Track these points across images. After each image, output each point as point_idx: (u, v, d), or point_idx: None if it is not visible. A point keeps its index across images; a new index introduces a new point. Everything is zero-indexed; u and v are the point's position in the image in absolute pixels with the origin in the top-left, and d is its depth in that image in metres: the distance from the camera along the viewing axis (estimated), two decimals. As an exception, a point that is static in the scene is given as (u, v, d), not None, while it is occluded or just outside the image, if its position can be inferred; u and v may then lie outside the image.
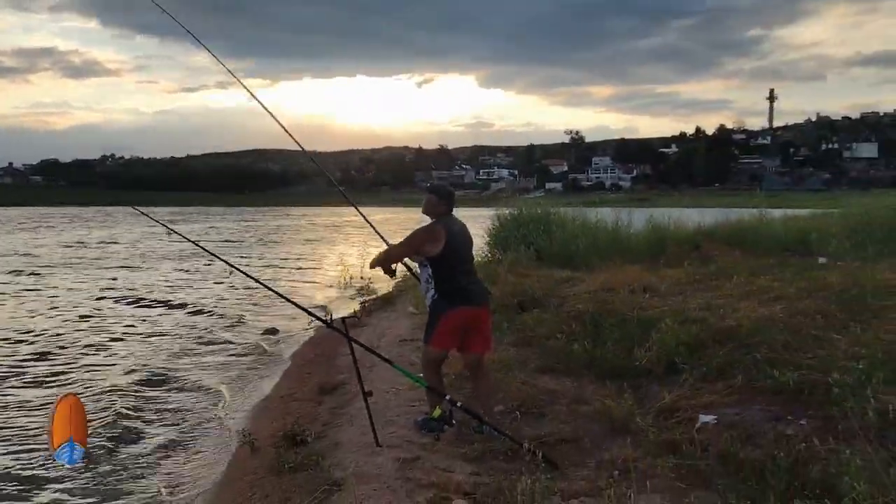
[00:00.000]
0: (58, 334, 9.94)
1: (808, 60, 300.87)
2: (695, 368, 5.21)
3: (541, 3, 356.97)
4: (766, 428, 4.15)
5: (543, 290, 8.77)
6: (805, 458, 3.55)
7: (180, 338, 9.88)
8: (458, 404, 4.54)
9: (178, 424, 6.17)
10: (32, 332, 10.10)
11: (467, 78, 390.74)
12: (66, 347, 9.17)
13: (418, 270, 4.94)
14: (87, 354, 8.84)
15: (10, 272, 17.58)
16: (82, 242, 29.10)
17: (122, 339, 9.68)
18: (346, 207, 6.56)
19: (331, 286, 15.31)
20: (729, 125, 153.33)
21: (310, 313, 4.91)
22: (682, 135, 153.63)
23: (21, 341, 9.49)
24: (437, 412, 4.63)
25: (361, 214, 6.06)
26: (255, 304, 12.62)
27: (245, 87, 6.88)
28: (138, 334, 10.08)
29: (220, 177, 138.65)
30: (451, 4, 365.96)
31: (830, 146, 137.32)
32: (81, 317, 11.35)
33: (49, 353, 8.83)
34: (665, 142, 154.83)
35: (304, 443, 4.85)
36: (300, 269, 20.05)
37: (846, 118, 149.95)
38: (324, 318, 4.71)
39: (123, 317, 11.60)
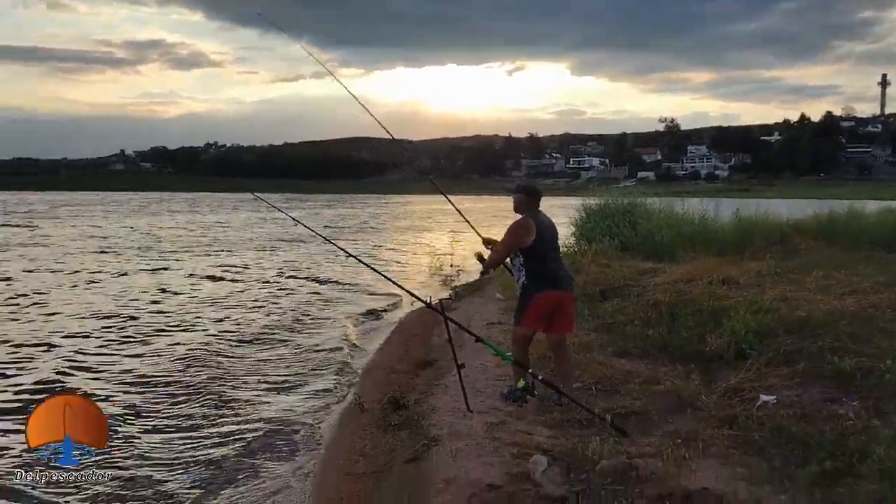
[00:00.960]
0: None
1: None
2: (762, 355, 5.62)
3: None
4: (821, 408, 4.57)
5: (625, 280, 9.22)
6: (848, 432, 3.98)
7: (298, 311, 11.32)
8: (540, 377, 5.14)
9: (297, 387, 7.11)
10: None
11: (558, 65, 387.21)
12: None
13: (509, 262, 5.55)
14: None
15: (176, 251, 20.34)
16: (207, 226, 32.73)
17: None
18: (436, 196, 7.23)
19: (424, 272, 16.18)
20: (837, 112, 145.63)
21: (413, 295, 5.65)
22: (786, 122, 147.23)
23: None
24: (521, 383, 5.26)
25: (452, 203, 6.58)
26: (357, 285, 13.87)
27: (340, 83, 6.99)
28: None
29: (316, 164, 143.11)
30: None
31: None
32: (281, 290, 13.69)
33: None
34: (767, 130, 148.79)
35: (406, 407, 5.59)
36: (396, 253, 21.28)
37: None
38: (423, 299, 5.41)
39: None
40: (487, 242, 5.70)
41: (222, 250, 21.15)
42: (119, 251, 20.13)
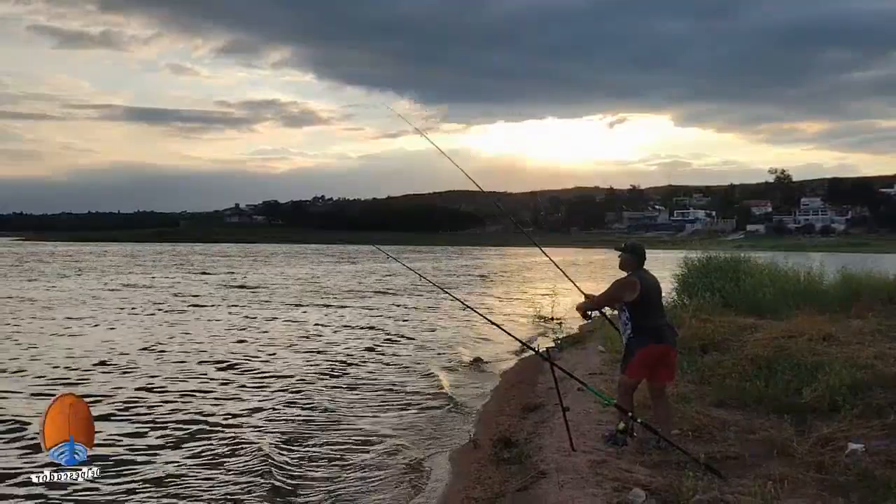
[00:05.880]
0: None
1: None
2: (855, 407, 5.91)
3: (742, 38, 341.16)
4: (908, 456, 4.88)
5: (725, 335, 9.50)
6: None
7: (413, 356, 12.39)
8: (640, 420, 5.65)
9: (414, 424, 7.86)
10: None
11: (662, 117, 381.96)
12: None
13: (613, 314, 6.09)
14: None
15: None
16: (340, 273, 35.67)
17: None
18: (536, 248, 7.90)
19: (525, 323, 16.78)
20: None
21: (523, 343, 6.33)
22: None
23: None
24: (621, 425, 5.79)
25: (548, 257, 7.11)
26: (465, 333, 15.15)
27: (427, 137, 7.85)
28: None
29: (417, 217, 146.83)
30: (644, 45, 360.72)
31: None
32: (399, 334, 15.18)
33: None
34: (887, 181, 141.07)
35: (515, 445, 6.22)
36: (498, 304, 22.09)
37: None
38: (533, 347, 6.07)
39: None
40: (588, 299, 6.07)
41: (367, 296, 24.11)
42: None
